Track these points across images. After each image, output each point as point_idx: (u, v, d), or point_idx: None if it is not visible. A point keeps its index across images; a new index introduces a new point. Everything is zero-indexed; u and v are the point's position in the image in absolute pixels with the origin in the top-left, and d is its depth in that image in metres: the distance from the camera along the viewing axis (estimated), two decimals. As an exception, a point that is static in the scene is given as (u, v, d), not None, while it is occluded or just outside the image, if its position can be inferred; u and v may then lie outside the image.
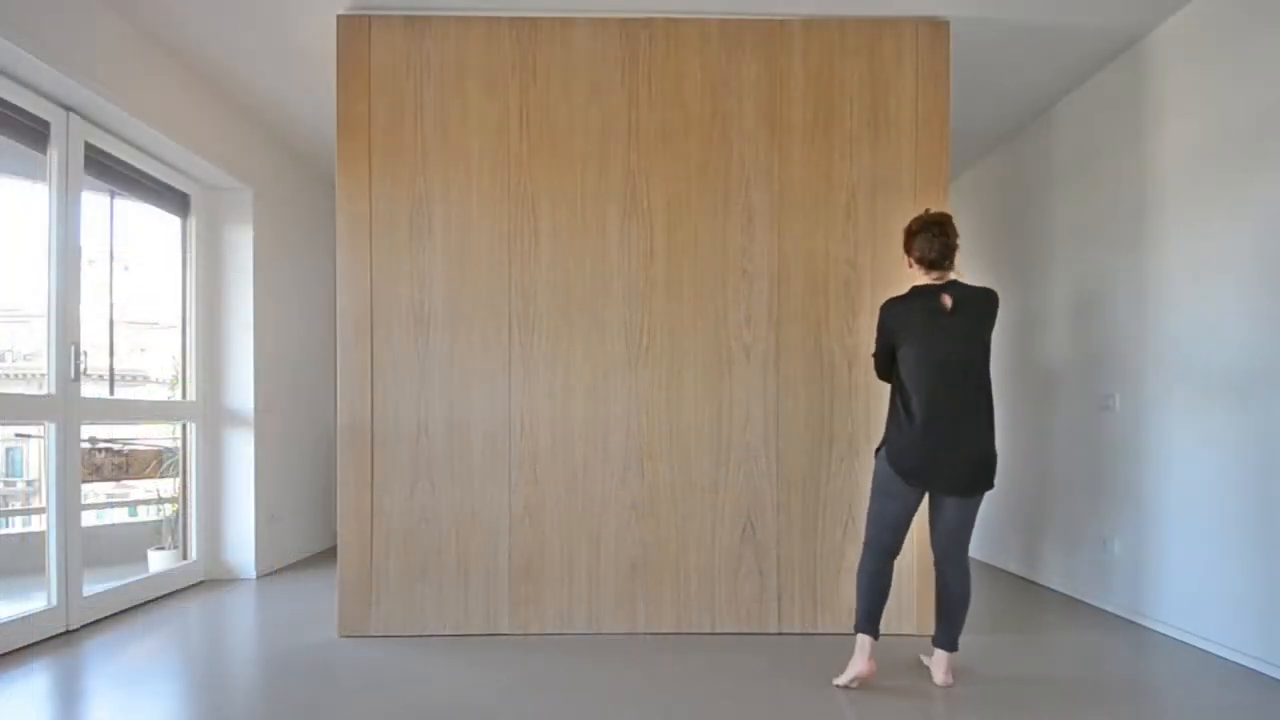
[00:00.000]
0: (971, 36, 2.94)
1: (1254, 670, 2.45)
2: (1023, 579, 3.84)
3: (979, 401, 2.20)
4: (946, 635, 2.31)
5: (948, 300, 2.19)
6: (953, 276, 2.25)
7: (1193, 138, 2.76)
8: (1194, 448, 2.75)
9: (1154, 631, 2.90)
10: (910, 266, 2.32)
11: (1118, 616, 3.11)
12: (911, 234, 2.28)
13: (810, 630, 2.83)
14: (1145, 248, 2.98)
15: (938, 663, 2.32)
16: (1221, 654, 2.60)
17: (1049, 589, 3.60)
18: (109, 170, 3.17)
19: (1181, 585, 2.80)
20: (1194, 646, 2.71)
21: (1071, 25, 2.90)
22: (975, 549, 4.26)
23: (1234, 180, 2.58)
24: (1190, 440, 2.77)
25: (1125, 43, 3.04)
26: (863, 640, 2.25)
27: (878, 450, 2.32)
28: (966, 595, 2.28)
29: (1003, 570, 4.06)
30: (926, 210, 2.31)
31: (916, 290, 2.28)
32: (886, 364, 2.33)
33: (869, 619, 2.26)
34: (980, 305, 2.24)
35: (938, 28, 2.83)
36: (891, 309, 2.29)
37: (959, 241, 2.25)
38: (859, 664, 2.25)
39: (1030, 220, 3.83)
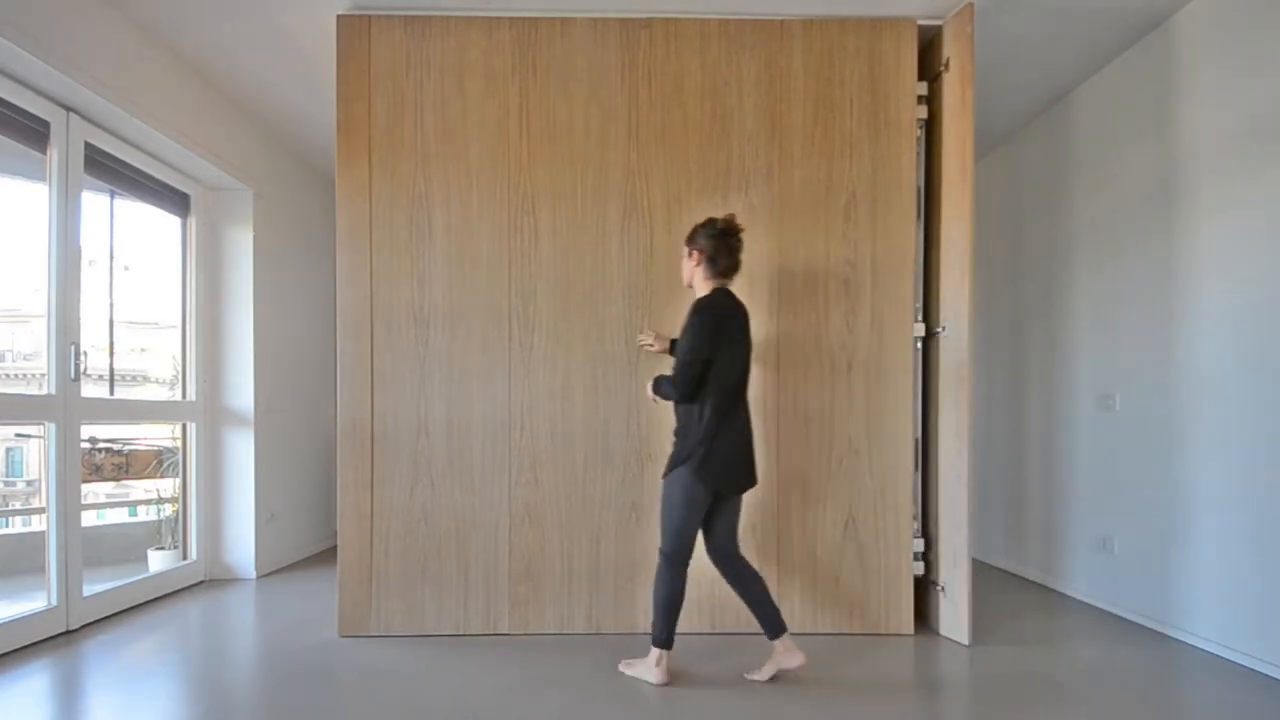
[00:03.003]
0: (991, 22, 2.87)
1: (1259, 672, 2.46)
2: (1018, 576, 3.83)
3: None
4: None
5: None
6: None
7: (1218, 123, 2.67)
8: (1203, 446, 2.75)
9: (1156, 633, 2.91)
10: (698, 264, 2.31)
11: (1119, 617, 3.11)
12: (712, 235, 2.28)
13: (810, 630, 2.83)
14: (1162, 240, 2.94)
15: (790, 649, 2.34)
16: (1228, 656, 2.60)
17: (1049, 589, 3.60)
18: (109, 170, 3.17)
19: (1184, 585, 2.80)
20: (1196, 647, 2.71)
21: (1093, 5, 2.79)
22: (975, 550, 4.27)
23: (1259, 169, 2.50)
24: (1197, 438, 2.77)
25: (1149, 24, 2.92)
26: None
27: (680, 466, 2.26)
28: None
29: (997, 569, 4.06)
30: (729, 216, 2.32)
31: (725, 292, 2.31)
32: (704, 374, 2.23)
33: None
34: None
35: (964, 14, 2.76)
36: (723, 312, 2.25)
37: None
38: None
39: (1044, 214, 3.80)
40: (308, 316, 4.48)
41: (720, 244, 2.27)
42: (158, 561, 3.61)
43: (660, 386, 2.36)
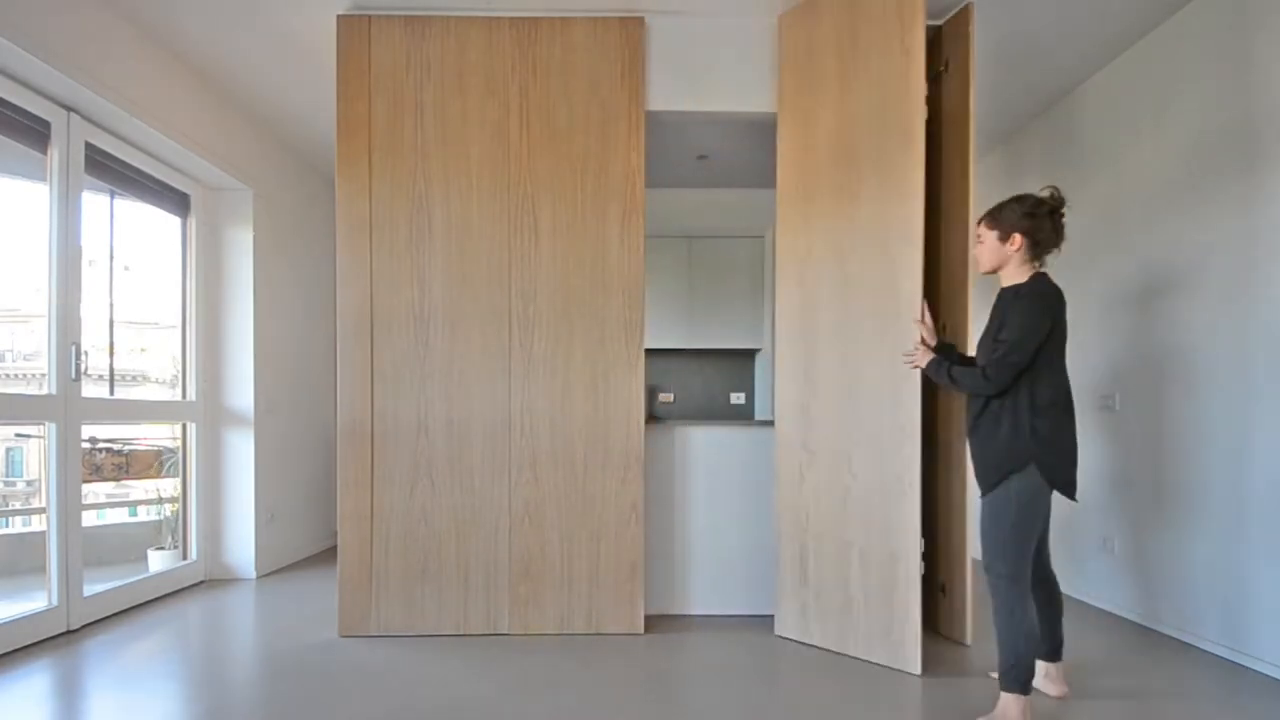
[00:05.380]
0: (991, 22, 2.87)
1: (1259, 672, 2.46)
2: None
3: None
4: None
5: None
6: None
7: (1219, 122, 2.65)
8: (1203, 446, 2.75)
9: (1156, 632, 2.91)
10: (1018, 248, 2.05)
11: (1119, 617, 3.12)
12: (1034, 215, 2.04)
13: (806, 639, 2.82)
14: (1162, 240, 2.94)
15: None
16: (1228, 656, 2.60)
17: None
18: (109, 170, 3.17)
19: (1185, 586, 2.80)
20: (1197, 647, 2.71)
21: (1093, 4, 2.78)
22: (975, 550, 4.26)
23: (1260, 169, 2.49)
24: (1196, 438, 2.77)
25: (1150, 23, 2.91)
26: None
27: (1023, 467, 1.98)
28: (994, 611, 2.04)
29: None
30: (1053, 191, 2.08)
31: (1048, 277, 2.06)
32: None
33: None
34: None
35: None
36: (1056, 301, 2.00)
37: None
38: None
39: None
40: (308, 316, 4.48)
41: (1046, 223, 2.03)
42: (158, 561, 3.61)
43: (957, 377, 2.11)
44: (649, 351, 2.90)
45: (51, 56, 2.54)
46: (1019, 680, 1.95)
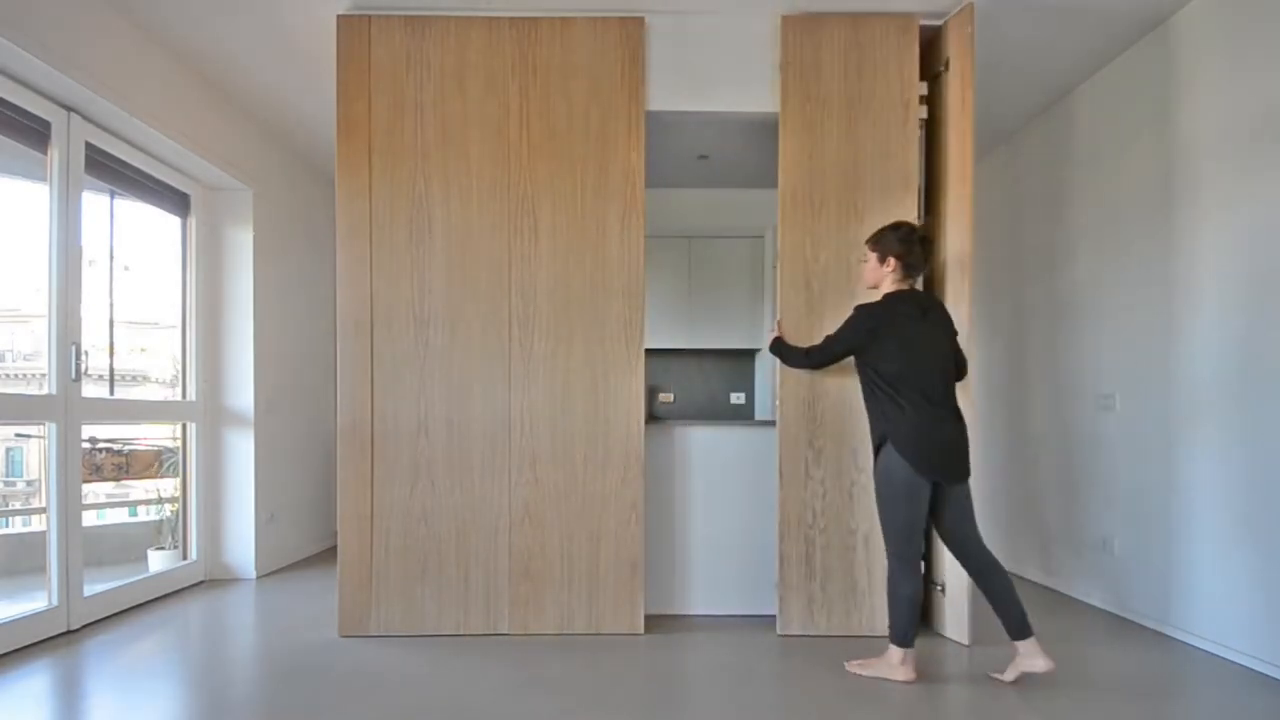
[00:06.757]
0: (991, 22, 2.86)
1: (1258, 672, 2.46)
2: (1018, 577, 3.83)
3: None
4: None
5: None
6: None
7: (1219, 122, 2.65)
8: (1200, 446, 2.75)
9: (1156, 632, 2.91)
10: (893, 269, 2.38)
11: (1118, 617, 3.12)
12: (907, 241, 2.36)
13: (810, 633, 2.83)
14: (1163, 239, 2.93)
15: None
16: (1226, 655, 2.60)
17: (1049, 589, 3.60)
18: (109, 170, 3.17)
19: (1184, 586, 2.80)
20: (1196, 647, 2.71)
21: (1093, 5, 2.79)
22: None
23: (1260, 168, 2.48)
24: (1197, 439, 2.77)
25: (1149, 24, 2.91)
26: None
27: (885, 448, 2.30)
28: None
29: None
30: (914, 224, 2.43)
31: (899, 296, 2.38)
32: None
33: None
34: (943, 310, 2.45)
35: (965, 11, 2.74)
36: (880, 317, 2.35)
37: None
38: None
39: (1044, 213, 3.81)
40: (308, 316, 4.48)
41: (917, 249, 2.36)
42: (158, 561, 3.61)
43: (783, 351, 2.65)
44: (649, 351, 2.90)
45: (51, 56, 2.54)
46: (899, 636, 2.31)
